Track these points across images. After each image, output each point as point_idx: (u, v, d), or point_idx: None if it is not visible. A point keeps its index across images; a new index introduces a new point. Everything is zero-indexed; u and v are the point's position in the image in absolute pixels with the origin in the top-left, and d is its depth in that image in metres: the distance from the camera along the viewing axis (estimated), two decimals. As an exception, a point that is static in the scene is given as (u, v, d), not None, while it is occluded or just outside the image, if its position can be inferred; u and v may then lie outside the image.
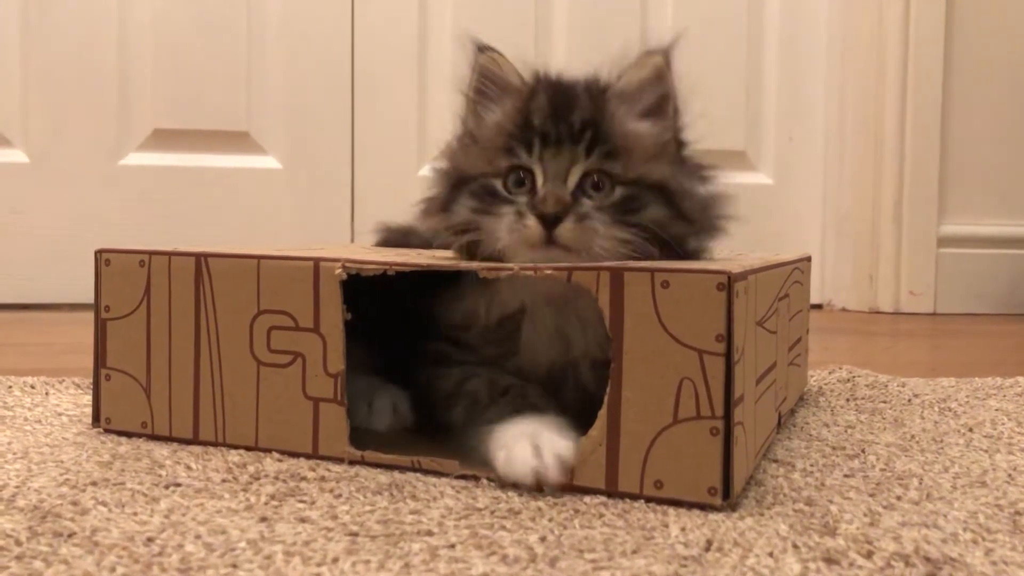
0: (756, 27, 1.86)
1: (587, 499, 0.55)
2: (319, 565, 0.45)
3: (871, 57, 1.80)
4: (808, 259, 0.89)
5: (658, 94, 0.67)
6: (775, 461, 0.65)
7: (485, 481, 0.59)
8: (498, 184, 0.66)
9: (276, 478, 0.59)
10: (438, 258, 0.66)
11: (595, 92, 0.67)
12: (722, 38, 1.83)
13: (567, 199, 0.62)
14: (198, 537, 0.48)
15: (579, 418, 0.58)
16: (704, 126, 0.71)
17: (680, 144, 0.69)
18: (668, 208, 0.65)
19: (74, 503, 0.53)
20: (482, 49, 0.69)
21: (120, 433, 0.70)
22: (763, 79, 1.87)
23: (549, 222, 0.61)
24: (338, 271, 0.63)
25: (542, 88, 0.68)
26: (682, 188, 0.66)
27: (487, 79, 0.69)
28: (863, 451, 0.68)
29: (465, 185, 0.67)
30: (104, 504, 0.53)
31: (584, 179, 0.64)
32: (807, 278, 0.89)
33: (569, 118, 0.65)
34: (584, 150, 0.64)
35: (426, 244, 0.75)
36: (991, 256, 1.81)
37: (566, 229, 0.61)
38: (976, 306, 1.79)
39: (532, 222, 0.62)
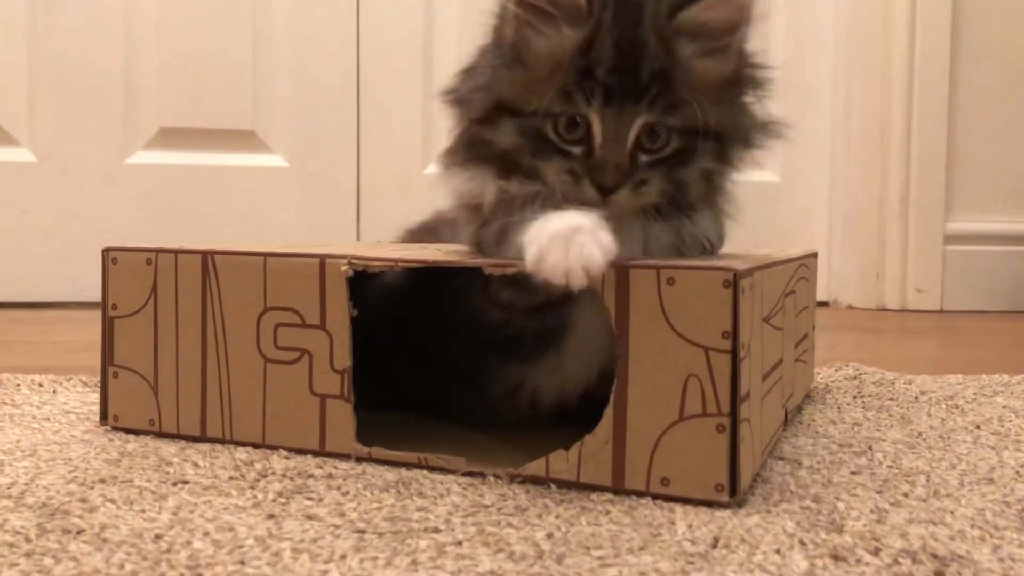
0: (762, 25, 1.85)
1: (594, 496, 0.55)
2: (327, 562, 0.45)
3: (877, 53, 1.80)
4: (814, 255, 0.88)
5: (732, 26, 0.60)
6: (782, 458, 0.65)
7: (492, 478, 0.59)
8: (548, 127, 0.59)
9: (283, 475, 0.59)
10: (444, 252, 0.66)
11: (663, 27, 0.59)
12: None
13: (626, 166, 0.59)
14: (206, 534, 0.48)
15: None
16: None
17: (745, 81, 0.63)
18: (719, 158, 0.62)
19: (82, 500, 0.53)
20: None
21: (128, 431, 0.70)
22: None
23: (606, 191, 0.58)
24: (344, 268, 0.63)
25: (607, 23, 0.58)
26: (739, 136, 0.63)
27: None
28: (870, 448, 0.68)
29: (506, 113, 0.61)
30: (112, 501, 0.53)
31: (641, 130, 0.59)
32: (813, 274, 0.89)
33: (637, 72, 0.58)
34: (648, 104, 0.58)
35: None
36: (998, 253, 1.80)
37: (622, 197, 0.59)
38: (983, 303, 1.79)
39: (590, 190, 0.59)
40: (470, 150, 0.64)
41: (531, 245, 0.53)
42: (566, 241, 0.52)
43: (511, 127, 0.60)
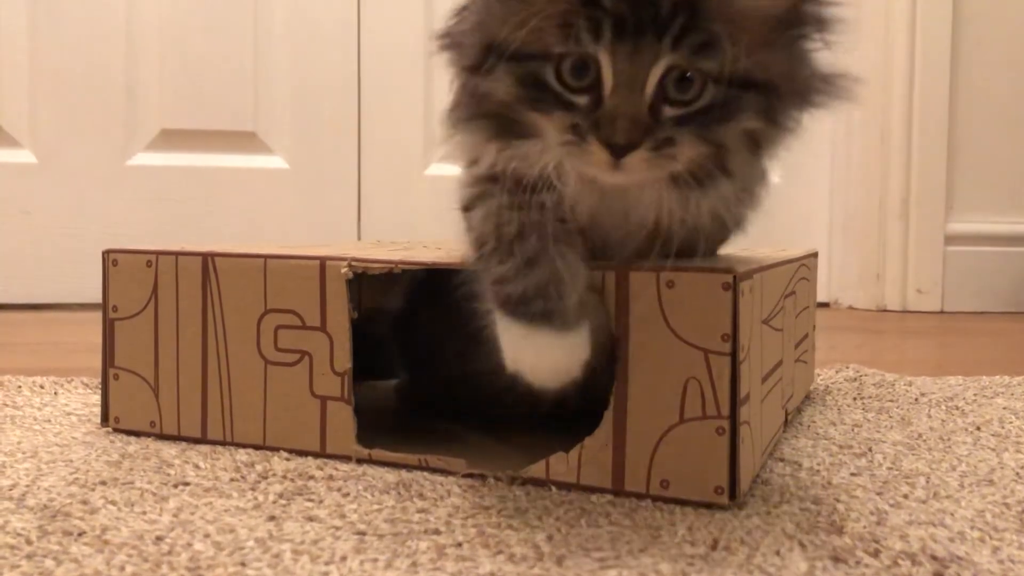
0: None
1: (593, 498, 0.55)
2: (327, 564, 0.45)
3: (877, 53, 1.80)
4: (815, 255, 0.88)
5: None
6: (782, 460, 0.65)
7: (492, 480, 0.59)
8: (548, 72, 0.49)
9: (284, 477, 0.59)
10: (445, 252, 0.66)
11: None
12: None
13: (644, 120, 0.47)
14: (207, 536, 0.48)
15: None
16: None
17: (805, 20, 0.51)
18: (765, 115, 0.50)
19: (84, 502, 0.53)
20: None
21: (129, 432, 0.70)
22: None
23: (618, 152, 0.47)
24: (344, 270, 0.63)
25: None
26: (795, 89, 0.51)
27: None
28: (870, 450, 0.68)
29: (501, 58, 0.49)
30: (113, 503, 0.54)
31: (666, 75, 0.47)
32: (814, 274, 0.89)
33: None
34: (671, 41, 0.46)
35: None
36: (999, 254, 1.80)
37: (637, 160, 0.48)
38: (984, 304, 1.79)
39: (596, 148, 0.48)
40: (469, 105, 0.54)
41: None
42: None
43: (507, 74, 0.50)
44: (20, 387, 0.86)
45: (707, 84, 0.48)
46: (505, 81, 0.50)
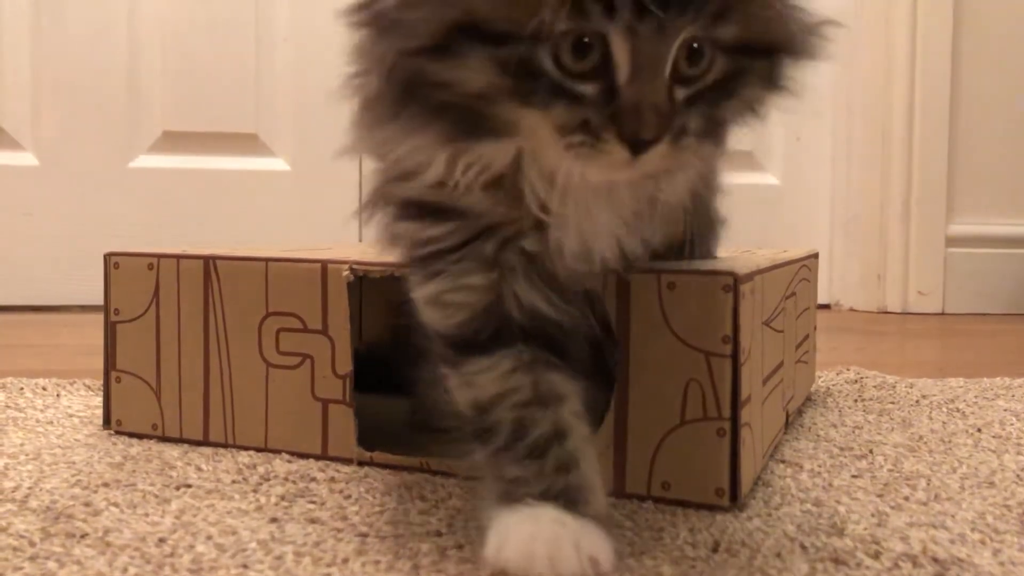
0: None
1: (595, 500, 0.55)
2: (329, 565, 0.45)
3: (879, 56, 1.80)
4: (815, 255, 0.89)
5: None
6: (783, 462, 0.65)
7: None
8: (543, 56, 0.40)
9: (286, 479, 0.59)
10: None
11: None
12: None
13: (667, 107, 0.41)
14: (209, 538, 0.49)
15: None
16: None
17: None
18: (767, 82, 0.46)
19: (86, 504, 0.53)
20: None
21: (131, 435, 0.70)
22: (770, 79, 1.86)
23: (641, 148, 0.41)
24: (346, 273, 0.63)
25: None
26: (789, 46, 0.46)
27: None
28: (871, 452, 0.68)
29: (475, 39, 0.40)
30: (116, 505, 0.54)
31: (680, 50, 0.41)
32: (814, 275, 0.89)
33: None
34: (692, 12, 0.40)
35: None
36: (1000, 256, 1.80)
37: (657, 156, 0.41)
38: (985, 306, 1.79)
39: (616, 148, 0.41)
40: (406, 96, 0.44)
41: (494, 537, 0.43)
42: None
43: (483, 59, 0.40)
44: (23, 389, 0.86)
45: (717, 56, 0.42)
46: (480, 68, 0.41)
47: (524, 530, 0.43)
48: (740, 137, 0.51)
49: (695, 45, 0.41)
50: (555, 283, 0.49)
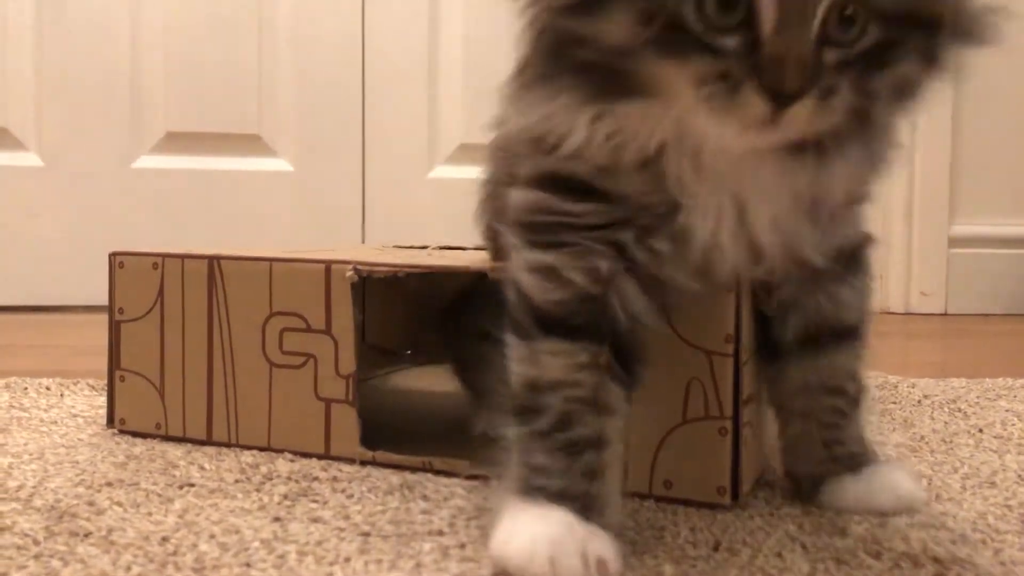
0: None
1: (597, 499, 0.55)
2: (332, 564, 0.45)
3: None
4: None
5: None
6: (784, 462, 0.65)
7: (495, 482, 0.59)
8: (687, 6, 0.39)
9: (289, 478, 0.60)
10: (451, 257, 0.66)
11: None
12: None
13: (812, 63, 0.39)
14: (212, 537, 0.49)
15: None
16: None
17: None
18: (926, 58, 0.43)
19: (90, 503, 0.54)
20: None
21: (134, 434, 0.71)
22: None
23: (783, 102, 0.39)
24: (349, 274, 0.63)
25: None
26: (957, 25, 0.44)
27: None
28: (872, 452, 0.68)
29: None
30: (119, 504, 0.54)
31: (830, 10, 0.39)
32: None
33: None
34: None
35: None
36: (1003, 256, 1.80)
37: (802, 112, 0.39)
38: (987, 306, 1.79)
39: (756, 100, 0.39)
40: (553, 59, 0.43)
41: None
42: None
43: (625, 11, 0.40)
44: (27, 389, 0.86)
45: (870, 23, 0.40)
46: (621, 20, 0.40)
47: (532, 529, 0.44)
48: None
49: (847, 11, 0.40)
50: (668, 295, 0.49)
